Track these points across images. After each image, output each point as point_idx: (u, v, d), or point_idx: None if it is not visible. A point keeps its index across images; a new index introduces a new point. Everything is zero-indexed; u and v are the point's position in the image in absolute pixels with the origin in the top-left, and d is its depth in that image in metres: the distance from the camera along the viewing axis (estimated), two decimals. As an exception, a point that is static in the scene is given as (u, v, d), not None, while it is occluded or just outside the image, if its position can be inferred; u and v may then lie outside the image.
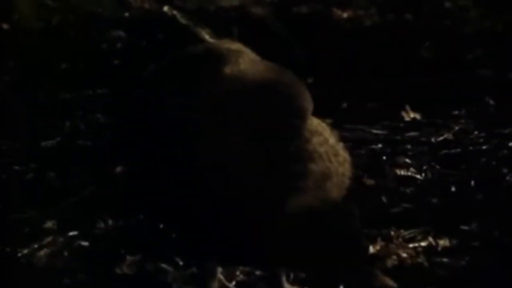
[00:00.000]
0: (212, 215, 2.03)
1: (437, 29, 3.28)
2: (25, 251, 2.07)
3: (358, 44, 2.27)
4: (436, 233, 2.14)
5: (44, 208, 2.24)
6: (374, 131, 2.63)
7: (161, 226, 2.12)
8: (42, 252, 2.07)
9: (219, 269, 1.98)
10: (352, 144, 2.40)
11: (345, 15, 3.42)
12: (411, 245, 2.10)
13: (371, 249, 2.07)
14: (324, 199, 1.99)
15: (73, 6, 3.38)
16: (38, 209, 2.24)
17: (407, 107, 2.78)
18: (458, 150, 2.55)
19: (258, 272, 2.00)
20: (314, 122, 2.05)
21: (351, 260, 1.94)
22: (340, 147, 2.06)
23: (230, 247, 1.97)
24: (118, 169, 2.37)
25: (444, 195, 2.32)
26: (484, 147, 2.55)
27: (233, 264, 2.00)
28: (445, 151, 2.54)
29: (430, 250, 2.09)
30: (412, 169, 2.43)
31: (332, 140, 2.05)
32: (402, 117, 2.76)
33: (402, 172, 2.42)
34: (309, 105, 2.04)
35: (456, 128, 2.67)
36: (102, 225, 2.16)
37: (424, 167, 2.44)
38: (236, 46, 2.15)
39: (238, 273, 1.99)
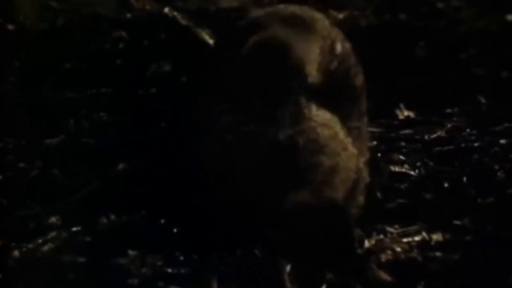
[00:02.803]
0: (215, 208, 2.06)
1: (431, 29, 3.28)
2: (30, 246, 2.10)
3: (354, 44, 2.27)
4: (429, 228, 2.17)
5: (49, 204, 2.26)
6: (370, 128, 2.55)
7: (163, 221, 2.16)
8: (46, 247, 2.10)
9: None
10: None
11: (341, 15, 3.43)
12: (405, 240, 2.12)
13: (367, 244, 2.09)
14: (324, 195, 2.02)
15: (77, 7, 3.38)
16: (43, 205, 2.26)
17: (402, 106, 2.79)
18: (451, 147, 2.56)
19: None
20: (326, 116, 2.07)
21: (344, 254, 1.97)
22: (348, 141, 2.09)
23: (232, 240, 2.03)
24: (120, 166, 2.39)
25: (437, 191, 2.34)
26: (476, 144, 2.56)
27: (235, 257, 2.03)
28: (438, 148, 2.55)
29: (423, 245, 2.12)
30: (406, 165, 2.45)
31: (341, 134, 2.08)
32: (397, 115, 2.76)
33: (397, 169, 2.43)
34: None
35: (449, 125, 2.68)
36: (105, 220, 2.18)
37: (418, 164, 2.46)
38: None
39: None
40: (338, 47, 2.15)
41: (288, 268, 1.99)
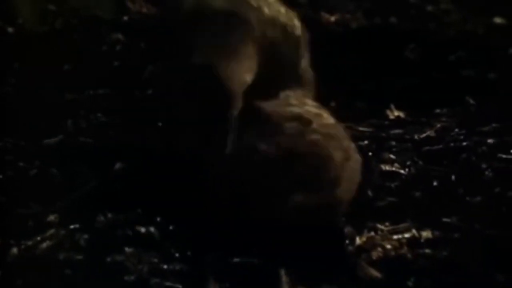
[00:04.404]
0: (212, 207, 2.07)
1: (421, 31, 3.31)
2: (29, 243, 2.10)
3: (346, 46, 2.27)
4: (419, 225, 2.17)
5: (47, 203, 2.26)
6: (361, 128, 2.66)
7: (159, 219, 2.16)
8: (45, 244, 2.10)
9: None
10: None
11: (333, 18, 3.46)
12: (395, 237, 2.13)
13: (357, 241, 2.10)
14: (317, 201, 2.05)
15: (75, 10, 3.38)
16: (42, 204, 2.26)
17: (392, 106, 2.81)
18: (440, 146, 2.58)
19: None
20: (330, 122, 2.09)
21: (335, 252, 1.99)
22: (352, 149, 2.11)
23: (229, 239, 2.03)
24: (118, 165, 2.40)
25: (426, 190, 2.35)
26: (464, 144, 2.58)
27: (232, 257, 2.03)
28: (427, 148, 2.57)
29: (413, 242, 2.12)
30: (396, 164, 2.46)
31: (346, 142, 2.09)
32: (387, 116, 2.79)
33: (387, 168, 2.44)
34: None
35: (438, 126, 2.70)
36: (102, 218, 2.18)
37: (408, 163, 2.47)
38: None
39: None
40: (265, 11, 2.18)
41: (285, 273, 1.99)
